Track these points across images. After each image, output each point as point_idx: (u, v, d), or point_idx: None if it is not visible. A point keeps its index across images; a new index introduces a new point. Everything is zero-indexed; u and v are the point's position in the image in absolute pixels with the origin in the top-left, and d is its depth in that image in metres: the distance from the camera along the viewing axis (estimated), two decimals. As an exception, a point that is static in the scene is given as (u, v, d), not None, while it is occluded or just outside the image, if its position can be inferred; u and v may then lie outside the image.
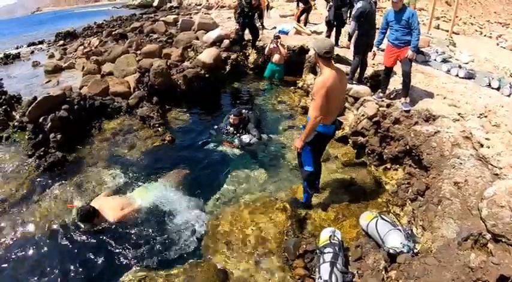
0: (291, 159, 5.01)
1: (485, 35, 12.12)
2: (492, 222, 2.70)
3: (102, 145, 5.61)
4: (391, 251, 3.12)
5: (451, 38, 9.18)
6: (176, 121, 6.46)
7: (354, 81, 5.77)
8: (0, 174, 4.98)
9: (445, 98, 4.89)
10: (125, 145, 5.59)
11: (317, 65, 3.82)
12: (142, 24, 13.97)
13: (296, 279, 3.19)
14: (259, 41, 9.02)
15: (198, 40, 9.71)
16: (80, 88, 7.30)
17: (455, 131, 3.99)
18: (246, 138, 5.39)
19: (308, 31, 9.92)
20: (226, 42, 9.05)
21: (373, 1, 5.38)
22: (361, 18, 5.22)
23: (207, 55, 7.90)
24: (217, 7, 19.69)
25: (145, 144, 5.57)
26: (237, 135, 5.48)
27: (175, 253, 3.48)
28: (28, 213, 4.14)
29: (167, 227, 3.77)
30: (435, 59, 6.74)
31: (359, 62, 5.64)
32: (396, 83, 5.28)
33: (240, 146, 5.33)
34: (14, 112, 6.80)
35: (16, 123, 6.13)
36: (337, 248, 3.13)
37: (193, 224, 3.83)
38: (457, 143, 3.84)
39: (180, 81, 7.18)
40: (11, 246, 3.69)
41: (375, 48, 5.15)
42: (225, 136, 5.57)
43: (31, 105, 5.76)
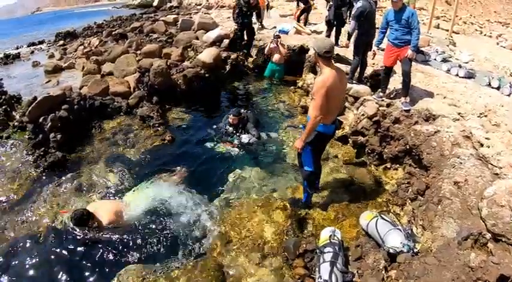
0: (290, 159, 5.01)
1: (485, 35, 12.13)
2: (492, 221, 2.70)
3: (102, 145, 5.61)
4: (391, 250, 3.12)
5: (451, 37, 9.18)
6: (176, 121, 6.45)
7: (354, 81, 5.77)
8: (0, 174, 4.98)
9: (445, 97, 4.89)
10: (124, 145, 5.59)
11: (317, 64, 3.82)
12: (142, 24, 13.97)
13: (296, 278, 3.19)
14: (259, 40, 9.01)
15: (198, 40, 9.71)
16: (80, 88, 7.30)
17: (455, 131, 3.99)
18: (245, 137, 5.39)
19: (308, 31, 9.92)
20: (226, 41, 9.05)
21: (373, 1, 5.38)
22: (361, 17, 5.22)
23: (207, 55, 7.90)
24: (217, 7, 19.69)
25: (145, 144, 5.56)
26: (236, 135, 5.48)
27: (175, 253, 3.48)
28: (28, 213, 4.14)
29: (167, 227, 3.77)
30: (435, 59, 6.73)
31: (359, 61, 5.64)
32: (396, 83, 5.28)
33: (239, 145, 5.33)
34: (14, 112, 6.80)
35: (16, 123, 6.14)
36: (337, 248, 3.13)
37: (193, 223, 3.84)
38: (457, 143, 3.84)
39: (180, 81, 7.17)
40: (11, 246, 3.68)
41: (375, 47, 5.16)
42: (224, 136, 5.57)
43: (31, 105, 5.76)
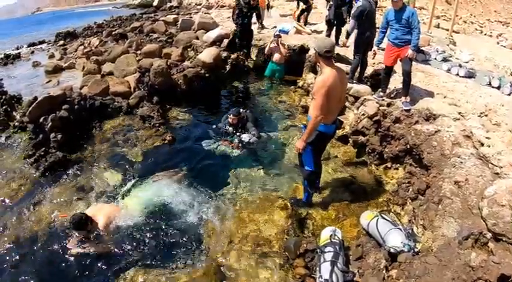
0: (291, 158, 5.01)
1: (485, 34, 12.12)
2: (493, 221, 2.69)
3: (102, 145, 5.61)
4: (392, 250, 3.12)
5: (451, 37, 9.16)
6: (176, 121, 6.45)
7: (354, 81, 5.77)
8: (0, 174, 4.98)
9: (445, 97, 4.89)
10: (125, 145, 5.59)
11: (317, 64, 3.82)
12: (142, 24, 13.96)
13: (297, 278, 3.20)
14: (260, 40, 9.01)
15: (198, 40, 9.71)
16: (80, 88, 7.30)
17: (455, 130, 3.99)
18: (245, 137, 5.38)
19: (308, 30, 9.91)
20: (226, 41, 9.04)
21: (373, 0, 5.38)
22: (361, 17, 5.22)
23: (207, 55, 7.90)
24: (217, 7, 19.66)
25: (146, 144, 5.57)
26: (236, 135, 5.47)
27: (176, 253, 3.48)
28: (29, 213, 4.15)
29: (167, 228, 3.77)
30: (435, 58, 6.73)
31: (359, 61, 5.64)
32: (396, 82, 5.27)
33: (240, 145, 5.33)
34: (14, 112, 6.80)
35: (17, 124, 6.14)
36: (337, 247, 3.13)
37: (193, 223, 3.84)
38: (458, 142, 3.84)
39: (180, 80, 7.16)
40: (11, 246, 3.69)
41: (375, 47, 5.16)
42: (224, 136, 5.57)
43: (31, 105, 5.78)
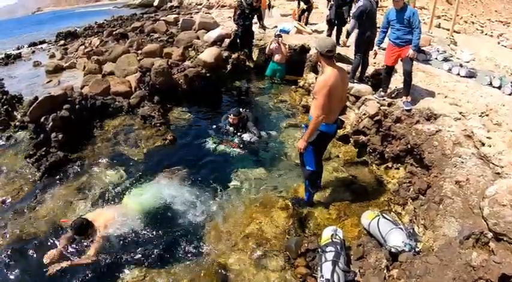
0: (292, 158, 5.01)
1: (486, 34, 12.09)
2: (494, 221, 2.69)
3: (103, 145, 5.62)
4: (393, 249, 3.12)
5: (452, 36, 9.15)
6: (177, 120, 6.46)
7: (355, 80, 5.76)
8: (1, 174, 4.99)
9: (446, 96, 4.89)
10: (126, 145, 5.59)
11: (319, 63, 3.82)
12: (143, 23, 13.99)
13: (298, 278, 3.20)
14: (260, 40, 9.01)
15: (198, 39, 9.72)
16: (81, 88, 7.32)
17: (456, 130, 3.99)
18: (246, 137, 5.39)
19: (309, 30, 9.90)
20: (227, 41, 9.04)
21: (374, 0, 5.38)
22: (362, 16, 5.22)
23: (208, 54, 7.91)
24: (217, 6, 19.64)
25: (147, 144, 5.57)
26: (237, 135, 5.48)
27: (177, 253, 3.49)
28: (30, 213, 4.15)
29: (168, 228, 3.78)
30: (436, 58, 6.72)
31: (360, 60, 5.64)
32: (397, 82, 5.27)
33: (241, 145, 5.33)
34: (15, 112, 6.83)
35: (17, 123, 6.17)
36: (339, 247, 3.13)
37: (195, 223, 3.85)
38: (459, 142, 3.84)
39: (181, 80, 7.17)
40: (12, 246, 3.69)
41: (376, 47, 5.15)
42: (225, 136, 5.57)
43: (32, 105, 5.79)
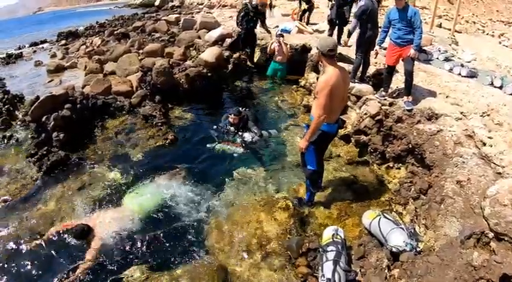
0: (293, 158, 5.02)
1: (487, 34, 12.06)
2: (495, 220, 2.70)
3: (104, 144, 5.62)
4: (394, 249, 3.13)
5: (454, 36, 9.14)
6: (179, 120, 6.46)
7: (356, 80, 5.76)
8: (3, 174, 5.00)
9: (447, 96, 4.89)
10: (127, 144, 5.60)
11: (320, 63, 3.83)
12: (144, 23, 13.97)
13: (299, 277, 3.21)
14: (261, 39, 9.00)
15: (200, 39, 9.72)
16: (83, 87, 7.33)
17: (457, 130, 3.99)
18: (248, 136, 5.39)
19: (310, 30, 9.90)
20: (229, 41, 9.04)
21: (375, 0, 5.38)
22: (363, 16, 5.22)
23: (209, 54, 7.90)
24: (219, 6, 19.63)
25: (148, 144, 5.57)
26: (238, 134, 5.48)
27: (178, 253, 3.49)
28: (31, 212, 4.16)
29: (170, 227, 3.78)
30: (437, 58, 6.72)
31: (361, 60, 5.64)
32: (398, 82, 5.27)
33: (242, 144, 5.34)
34: (16, 111, 6.83)
35: (19, 123, 6.17)
36: (340, 247, 3.14)
37: (196, 223, 3.85)
38: (460, 142, 3.84)
39: (182, 80, 7.17)
40: (13, 246, 3.69)
41: (377, 46, 5.15)
42: (226, 136, 5.57)
43: (34, 105, 5.80)
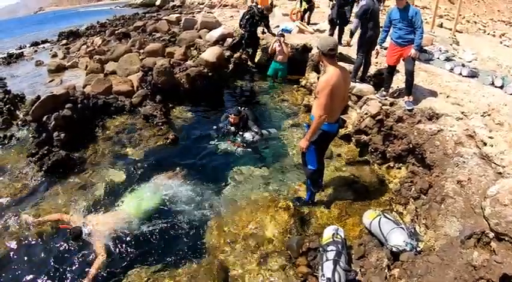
0: (293, 157, 5.02)
1: (488, 34, 12.07)
2: (495, 220, 2.70)
3: (105, 144, 5.63)
4: (394, 249, 3.13)
5: (454, 36, 9.14)
6: (179, 120, 6.47)
7: (357, 80, 5.76)
8: (4, 173, 5.01)
9: (448, 96, 4.89)
10: (128, 144, 5.61)
11: (321, 63, 3.83)
12: (145, 23, 13.96)
13: (299, 277, 3.21)
14: (262, 39, 9.01)
15: (201, 39, 9.72)
16: (83, 87, 7.33)
17: (458, 130, 3.99)
18: (248, 136, 5.40)
19: (311, 29, 9.90)
20: (229, 40, 9.05)
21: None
22: (365, 16, 5.21)
23: (210, 54, 7.91)
24: (219, 6, 19.64)
25: (149, 143, 5.58)
26: (239, 134, 5.49)
27: (178, 253, 3.50)
28: (32, 212, 4.16)
29: (170, 227, 3.79)
30: (438, 58, 6.72)
31: (362, 60, 5.63)
32: (399, 82, 5.27)
33: (243, 144, 5.34)
34: (17, 111, 6.85)
35: (20, 122, 6.18)
36: (340, 246, 3.14)
37: (196, 222, 3.86)
38: (461, 142, 3.84)
39: (183, 79, 7.18)
40: (13, 245, 3.69)
41: (378, 46, 5.15)
42: (226, 136, 5.57)
43: (35, 104, 5.80)
